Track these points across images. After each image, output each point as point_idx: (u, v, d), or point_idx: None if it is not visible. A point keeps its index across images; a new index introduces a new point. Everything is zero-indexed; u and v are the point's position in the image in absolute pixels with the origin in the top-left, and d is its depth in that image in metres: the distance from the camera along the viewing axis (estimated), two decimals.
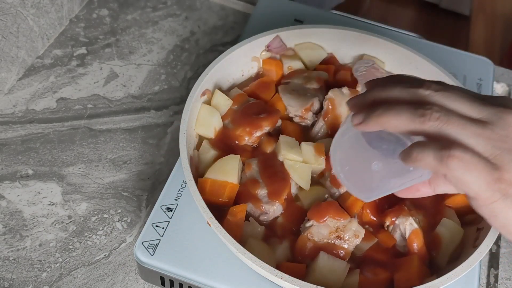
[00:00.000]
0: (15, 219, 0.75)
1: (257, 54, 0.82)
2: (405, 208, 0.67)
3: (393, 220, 0.66)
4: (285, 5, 0.97)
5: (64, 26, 0.99)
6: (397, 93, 0.52)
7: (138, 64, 0.95)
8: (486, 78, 0.90)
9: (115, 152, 0.83)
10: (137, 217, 0.77)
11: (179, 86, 0.93)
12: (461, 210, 0.69)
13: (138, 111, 0.89)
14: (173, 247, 0.66)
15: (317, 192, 0.70)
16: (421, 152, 0.48)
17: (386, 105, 0.51)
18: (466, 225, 0.68)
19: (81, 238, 0.74)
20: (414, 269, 0.63)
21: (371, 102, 0.53)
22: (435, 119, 0.48)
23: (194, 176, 0.65)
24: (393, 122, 0.50)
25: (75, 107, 0.88)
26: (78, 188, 0.79)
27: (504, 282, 0.76)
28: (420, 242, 0.65)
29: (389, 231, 0.67)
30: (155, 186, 0.80)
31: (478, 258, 0.61)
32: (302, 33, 0.82)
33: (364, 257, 0.66)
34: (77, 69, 0.93)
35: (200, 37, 1.00)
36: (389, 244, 0.66)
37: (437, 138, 0.48)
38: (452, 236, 0.66)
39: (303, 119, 0.76)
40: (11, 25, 0.84)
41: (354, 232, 0.64)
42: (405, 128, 0.50)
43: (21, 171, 0.79)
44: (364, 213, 0.68)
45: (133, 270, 0.72)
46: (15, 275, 0.70)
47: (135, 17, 1.02)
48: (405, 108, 0.49)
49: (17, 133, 0.83)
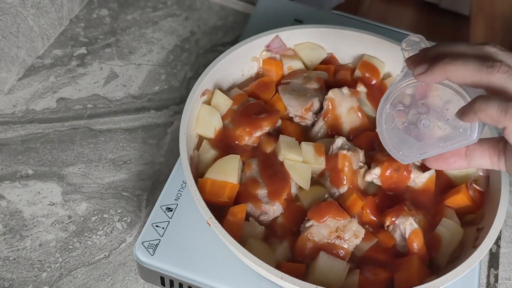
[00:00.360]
0: (15, 219, 0.75)
1: (257, 54, 0.82)
2: (405, 208, 0.67)
3: (393, 220, 0.66)
4: (285, 5, 0.97)
5: (64, 26, 0.99)
6: (463, 49, 0.52)
7: (138, 64, 0.95)
8: None
9: (115, 152, 0.83)
10: (137, 217, 0.77)
11: (179, 86, 0.93)
12: (461, 210, 0.69)
13: (138, 111, 0.89)
14: (173, 247, 0.66)
15: (317, 192, 0.70)
16: (485, 103, 0.48)
17: (452, 56, 0.51)
18: (466, 225, 0.68)
19: (81, 238, 0.74)
20: (414, 269, 0.63)
21: (434, 56, 0.53)
22: (503, 71, 0.49)
23: (194, 176, 0.65)
24: (459, 71, 0.50)
25: (75, 107, 0.88)
26: (78, 188, 0.79)
27: (504, 282, 0.76)
28: (420, 242, 0.65)
29: (389, 231, 0.67)
30: (155, 186, 0.80)
31: (478, 258, 0.61)
32: (302, 33, 0.82)
33: (364, 257, 0.66)
34: (77, 69, 0.93)
35: (200, 37, 1.00)
36: (389, 244, 0.66)
37: (500, 93, 0.49)
38: (452, 236, 0.66)
39: (303, 119, 0.76)
40: (11, 25, 0.84)
41: (354, 232, 0.64)
42: (470, 78, 0.50)
43: (21, 171, 0.79)
44: (364, 213, 0.68)
45: (133, 270, 0.72)
46: (15, 275, 0.70)
47: (135, 17, 1.02)
48: (472, 59, 0.50)
49: (17, 133, 0.83)
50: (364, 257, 0.66)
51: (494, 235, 0.62)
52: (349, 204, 0.67)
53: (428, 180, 0.70)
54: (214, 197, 0.66)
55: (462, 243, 0.67)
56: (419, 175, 0.70)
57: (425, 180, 0.70)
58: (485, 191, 0.70)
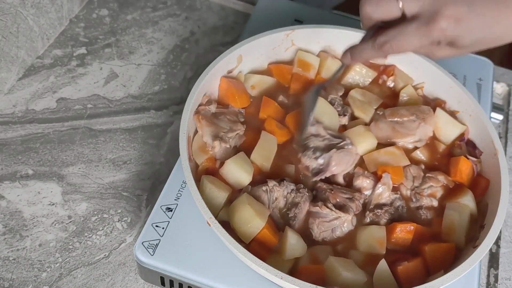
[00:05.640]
0: (15, 219, 0.75)
1: (257, 54, 0.81)
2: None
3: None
4: (285, 5, 0.97)
5: (64, 26, 0.99)
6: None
7: (138, 64, 0.95)
8: (486, 78, 0.90)
9: (115, 152, 0.83)
10: (137, 217, 0.77)
11: (179, 86, 0.93)
12: (471, 186, 0.73)
13: (138, 111, 0.89)
14: (173, 247, 0.66)
15: None
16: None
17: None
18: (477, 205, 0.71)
19: (81, 238, 0.74)
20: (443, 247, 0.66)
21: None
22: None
23: (194, 176, 0.65)
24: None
25: (75, 107, 0.88)
26: (78, 188, 0.79)
27: (504, 282, 0.76)
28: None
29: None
30: (155, 186, 0.80)
31: (478, 258, 0.61)
32: (302, 33, 0.82)
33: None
34: (77, 69, 0.93)
35: (200, 37, 1.00)
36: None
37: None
38: (460, 214, 0.68)
39: None
40: (11, 25, 0.84)
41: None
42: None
43: (21, 171, 0.79)
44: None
45: (133, 270, 0.72)
46: (15, 275, 0.70)
47: (135, 17, 1.02)
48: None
49: (17, 133, 0.83)
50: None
51: (494, 235, 0.63)
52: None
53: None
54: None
55: (474, 221, 0.69)
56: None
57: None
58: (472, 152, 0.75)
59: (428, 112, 0.76)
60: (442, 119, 0.77)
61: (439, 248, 0.66)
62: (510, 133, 0.93)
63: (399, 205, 0.70)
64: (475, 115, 0.76)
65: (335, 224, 0.67)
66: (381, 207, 0.69)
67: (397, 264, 0.64)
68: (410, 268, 0.64)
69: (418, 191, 0.71)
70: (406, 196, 0.72)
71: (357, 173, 0.72)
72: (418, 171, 0.73)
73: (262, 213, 0.64)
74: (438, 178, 0.72)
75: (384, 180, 0.70)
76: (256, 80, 0.80)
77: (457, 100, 0.79)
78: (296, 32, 0.82)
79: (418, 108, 0.77)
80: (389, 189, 0.70)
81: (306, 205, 0.68)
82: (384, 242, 0.66)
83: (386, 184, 0.70)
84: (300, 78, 0.81)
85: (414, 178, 0.72)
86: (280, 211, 0.68)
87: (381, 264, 0.64)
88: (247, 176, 0.69)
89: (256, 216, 0.63)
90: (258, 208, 0.65)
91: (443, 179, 0.72)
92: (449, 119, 0.77)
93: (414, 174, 0.72)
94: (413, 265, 0.64)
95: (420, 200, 0.70)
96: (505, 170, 0.69)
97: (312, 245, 0.66)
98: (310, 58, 0.82)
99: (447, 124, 0.77)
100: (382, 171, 0.71)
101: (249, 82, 0.80)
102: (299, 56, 0.82)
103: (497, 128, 0.93)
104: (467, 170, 0.73)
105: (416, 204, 0.71)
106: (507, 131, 0.93)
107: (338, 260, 0.63)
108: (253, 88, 0.80)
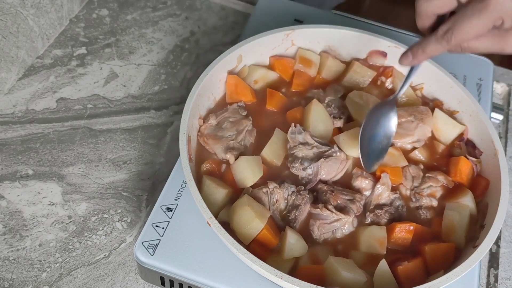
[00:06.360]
0: (15, 219, 0.75)
1: (258, 54, 0.81)
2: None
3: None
4: (285, 5, 0.97)
5: (64, 26, 0.99)
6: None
7: (138, 64, 0.95)
8: (486, 78, 0.90)
9: (115, 152, 0.83)
10: (137, 217, 0.77)
11: (179, 86, 0.93)
12: (471, 185, 0.73)
13: (138, 111, 0.89)
14: (173, 247, 0.66)
15: None
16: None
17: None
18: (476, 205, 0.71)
19: (81, 238, 0.74)
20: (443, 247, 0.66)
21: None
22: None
23: (194, 176, 0.65)
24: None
25: (75, 107, 0.88)
26: (78, 188, 0.79)
27: (504, 282, 0.76)
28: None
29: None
30: (155, 186, 0.80)
31: (478, 258, 0.61)
32: (302, 33, 0.82)
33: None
34: (77, 69, 0.93)
35: (200, 37, 1.00)
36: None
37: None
38: (460, 213, 0.68)
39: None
40: (11, 25, 0.84)
41: None
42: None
43: (21, 171, 0.79)
44: None
45: (133, 270, 0.72)
46: (15, 275, 0.70)
47: (135, 17, 1.02)
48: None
49: (17, 133, 0.83)
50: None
51: (494, 235, 0.63)
52: None
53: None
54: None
55: (474, 221, 0.69)
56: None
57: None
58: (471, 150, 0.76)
59: (426, 113, 0.76)
60: (441, 120, 0.77)
61: (439, 248, 0.66)
62: (510, 133, 0.93)
63: (399, 205, 0.70)
64: (475, 115, 0.76)
65: (336, 226, 0.67)
66: (381, 207, 0.69)
67: (397, 264, 0.64)
68: (410, 268, 0.64)
69: (417, 191, 0.71)
70: (405, 196, 0.72)
71: (356, 173, 0.72)
72: (417, 171, 0.73)
73: (261, 214, 0.64)
74: (438, 178, 0.72)
75: (383, 180, 0.70)
76: (259, 75, 0.81)
77: (457, 100, 0.79)
78: (296, 32, 0.82)
79: (416, 109, 0.77)
80: (388, 189, 0.70)
81: (306, 207, 0.68)
82: (384, 242, 0.66)
83: (385, 184, 0.70)
84: (301, 75, 0.82)
85: (413, 178, 0.72)
86: (281, 213, 0.68)
87: (381, 264, 0.64)
88: (253, 178, 0.69)
89: (256, 218, 0.63)
90: (258, 209, 0.65)
91: (443, 179, 0.72)
92: (448, 119, 0.77)
93: (413, 174, 0.72)
94: (413, 265, 0.64)
95: (419, 200, 0.71)
96: (505, 170, 0.69)
97: (313, 245, 0.66)
98: (311, 55, 0.83)
99: (446, 125, 0.77)
100: (380, 171, 0.71)
101: (253, 77, 0.81)
102: (300, 53, 0.83)
103: (497, 128, 0.93)
104: (467, 170, 0.73)
105: (415, 204, 0.71)
106: (507, 131, 0.93)
107: (338, 260, 0.63)
108: (256, 82, 0.81)
